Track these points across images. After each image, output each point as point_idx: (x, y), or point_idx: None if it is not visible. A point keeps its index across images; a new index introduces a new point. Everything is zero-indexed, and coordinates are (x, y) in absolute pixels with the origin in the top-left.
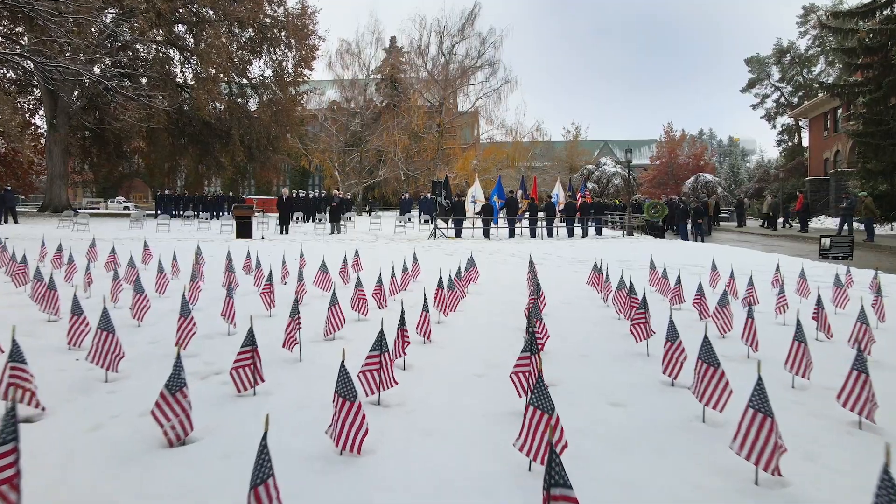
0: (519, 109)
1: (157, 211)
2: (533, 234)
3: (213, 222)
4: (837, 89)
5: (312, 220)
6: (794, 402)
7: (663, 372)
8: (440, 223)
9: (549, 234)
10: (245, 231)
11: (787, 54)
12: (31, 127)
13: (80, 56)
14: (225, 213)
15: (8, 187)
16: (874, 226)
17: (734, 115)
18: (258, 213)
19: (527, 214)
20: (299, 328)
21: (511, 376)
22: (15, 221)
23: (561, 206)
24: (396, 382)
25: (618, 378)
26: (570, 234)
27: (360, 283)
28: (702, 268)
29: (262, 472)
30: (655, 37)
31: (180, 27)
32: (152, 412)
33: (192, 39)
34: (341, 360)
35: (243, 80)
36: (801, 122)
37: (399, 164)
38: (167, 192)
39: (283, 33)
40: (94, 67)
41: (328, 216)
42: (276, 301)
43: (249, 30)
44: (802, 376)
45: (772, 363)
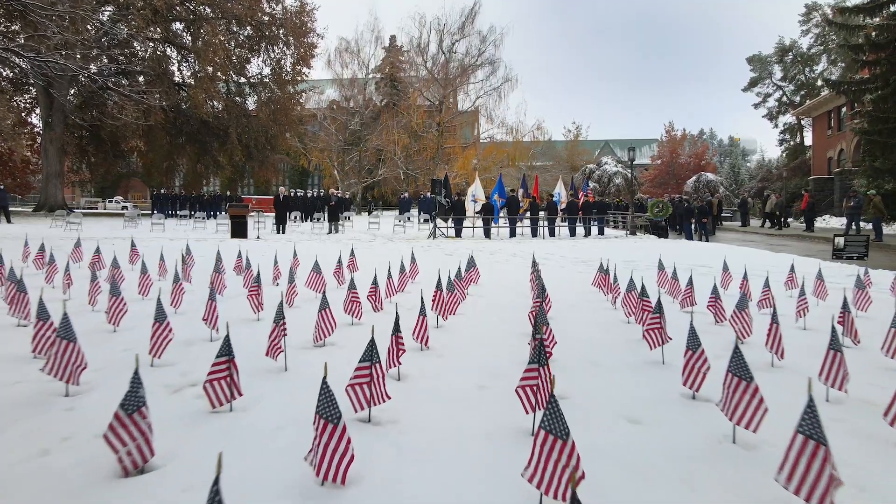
0: (519, 108)
1: (154, 210)
2: (534, 234)
3: (208, 222)
4: (843, 87)
5: (310, 220)
6: (832, 420)
7: (683, 383)
8: (440, 222)
9: (551, 233)
10: (240, 230)
11: (790, 53)
12: (28, 126)
13: (76, 53)
14: (222, 212)
15: (0, 186)
16: (882, 225)
17: (734, 115)
18: (254, 212)
19: (528, 214)
20: (284, 334)
21: (517, 390)
22: (8, 221)
23: (563, 206)
24: (389, 397)
25: (633, 390)
26: (573, 233)
27: (353, 285)
28: (710, 268)
29: None
30: (655, 37)
31: (178, 25)
32: (105, 436)
33: (189, 38)
34: (323, 377)
35: (241, 78)
36: (803, 121)
37: (398, 164)
38: (163, 191)
39: (281, 31)
40: (90, 65)
41: (326, 215)
42: (264, 304)
43: (248, 28)
44: (839, 388)
45: (798, 372)
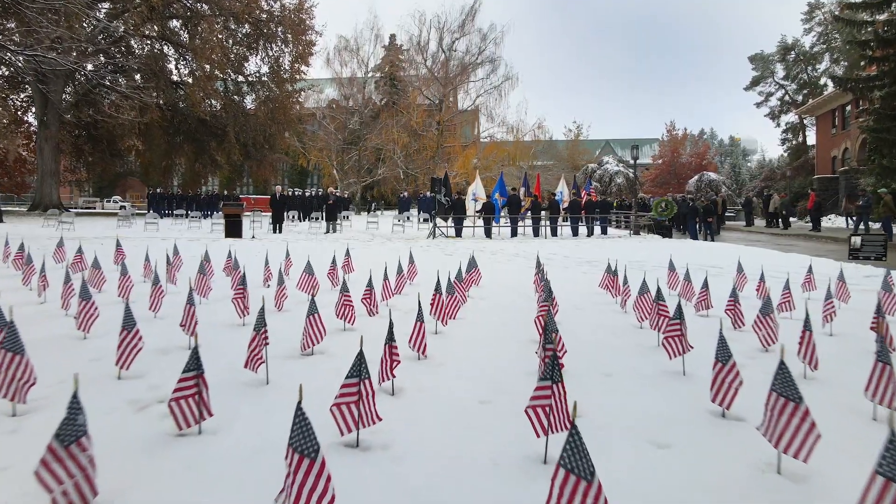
0: (520, 107)
1: (150, 210)
2: (536, 234)
3: (204, 221)
4: (850, 83)
5: (308, 219)
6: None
7: (712, 399)
8: (439, 222)
9: (553, 233)
10: (234, 230)
11: (792, 51)
12: (24, 124)
13: (73, 50)
14: (218, 211)
15: None
16: (893, 224)
17: (734, 115)
18: (249, 212)
19: (529, 213)
20: (266, 344)
21: (527, 411)
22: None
23: (565, 205)
24: (380, 418)
25: (654, 406)
26: (575, 233)
27: (345, 288)
28: (720, 269)
29: None
30: (655, 36)
31: (175, 22)
32: (37, 473)
33: (187, 35)
34: (298, 401)
35: (239, 76)
36: (805, 121)
37: (398, 163)
38: (159, 190)
39: (279, 29)
40: (86, 63)
41: (324, 215)
42: (250, 307)
43: (246, 25)
44: (889, 406)
45: (835, 385)
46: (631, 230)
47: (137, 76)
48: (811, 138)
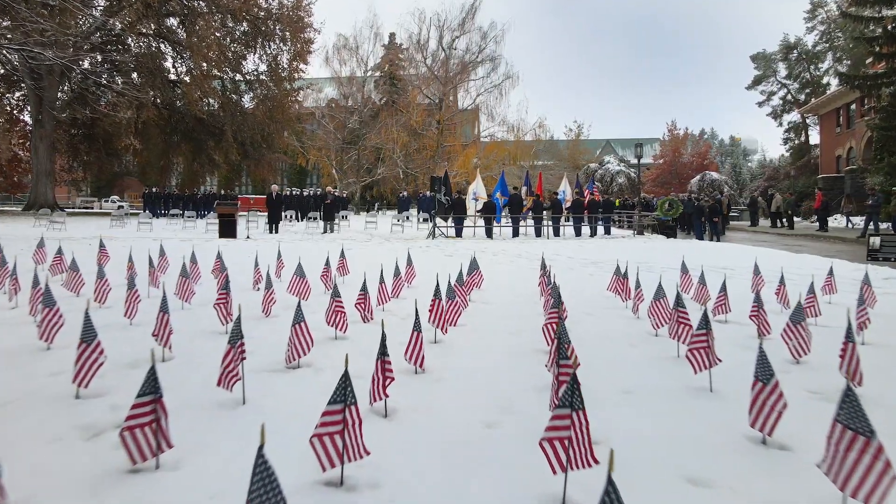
0: (521, 106)
1: (145, 209)
2: (538, 234)
3: (199, 221)
4: (858, 81)
5: (305, 220)
6: None
7: (752, 424)
8: (439, 222)
9: (556, 233)
10: (228, 230)
11: (794, 50)
12: (20, 123)
13: (66, 45)
14: (214, 211)
15: None
16: None
17: (735, 115)
18: (245, 212)
19: (531, 213)
20: (242, 359)
21: (542, 444)
22: None
23: (568, 204)
24: (367, 452)
25: (683, 431)
26: (578, 233)
27: (336, 293)
28: (731, 270)
29: None
30: (655, 36)
31: (172, 20)
32: None
33: (184, 33)
34: (259, 445)
35: (237, 75)
36: (808, 120)
37: (398, 163)
38: (154, 190)
39: (277, 26)
40: (83, 60)
41: (321, 215)
42: (234, 313)
43: (244, 23)
44: None
45: (883, 406)
46: (634, 230)
47: (134, 74)
48: (814, 138)
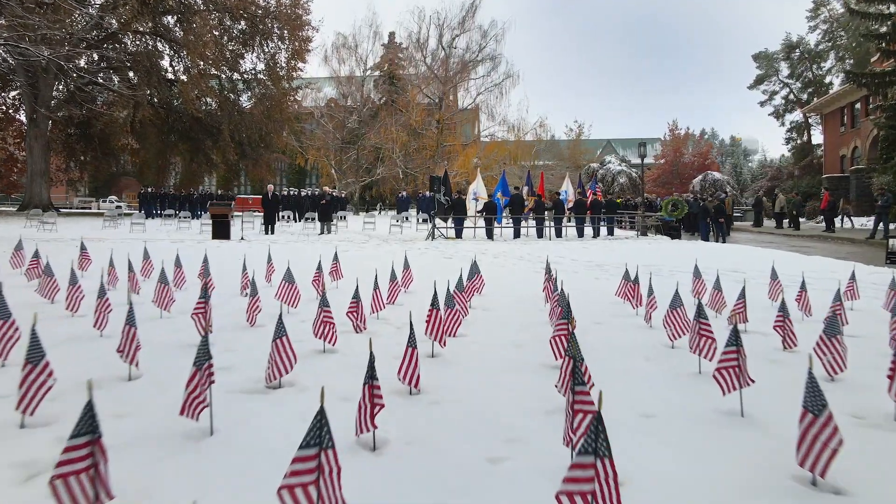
0: (521, 105)
1: (141, 209)
2: (540, 235)
3: (194, 222)
4: (865, 79)
5: (303, 220)
6: None
7: (800, 463)
8: (439, 223)
9: (558, 234)
10: (222, 231)
11: (797, 49)
12: (16, 123)
13: (62, 42)
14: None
15: None
16: None
17: (735, 115)
18: (240, 212)
19: (532, 213)
20: (211, 382)
21: (560, 498)
22: None
23: (570, 204)
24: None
25: (719, 468)
26: (581, 234)
27: (325, 302)
28: (742, 273)
29: None
30: (655, 36)
31: (169, 19)
32: None
33: (181, 32)
34: None
35: (235, 74)
36: (810, 119)
37: (397, 163)
38: (150, 189)
39: (275, 24)
40: (77, 57)
41: (318, 215)
42: (213, 324)
43: (241, 22)
44: None
45: None
46: (638, 231)
47: (131, 73)
48: (816, 137)
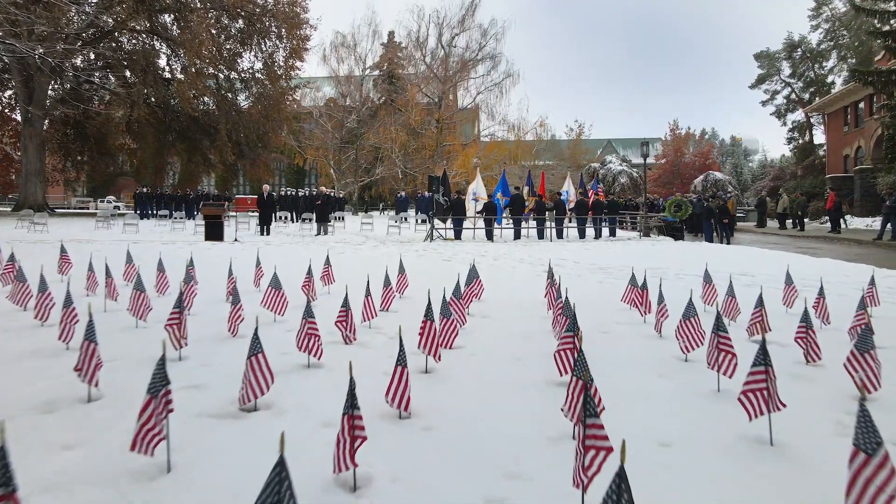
0: (521, 104)
1: (136, 210)
2: (541, 236)
3: (188, 222)
4: (871, 77)
5: (300, 221)
6: None
7: None
8: (438, 223)
9: (559, 235)
10: (215, 232)
11: (799, 49)
12: (11, 122)
13: (57, 39)
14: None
15: None
16: None
17: (735, 116)
18: (235, 213)
19: (533, 214)
20: (168, 411)
21: None
22: None
23: (571, 205)
24: None
25: None
26: (582, 235)
27: (309, 312)
28: (752, 277)
29: None
30: (655, 37)
31: (166, 17)
32: None
33: (178, 30)
34: None
35: (232, 73)
36: (812, 119)
37: (396, 162)
38: (145, 189)
39: (272, 23)
40: (74, 57)
41: (315, 216)
42: (194, 335)
43: (239, 20)
44: None
45: None
46: (640, 232)
47: (127, 72)
48: (818, 137)
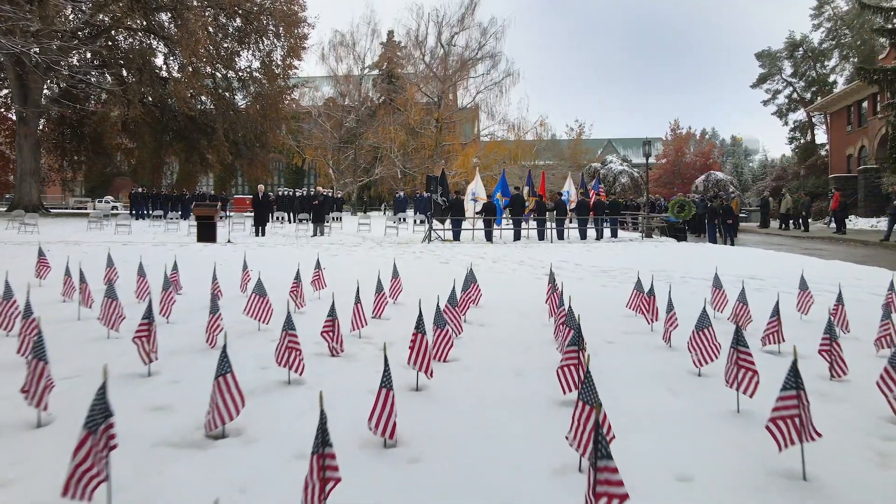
0: (521, 104)
1: (132, 210)
2: (541, 237)
3: (183, 223)
4: (876, 75)
5: (296, 221)
6: None
7: None
8: (436, 224)
9: (560, 236)
10: (207, 234)
11: (800, 48)
12: (7, 122)
13: (54, 42)
14: None
15: None
16: None
17: (735, 116)
18: (231, 213)
19: (534, 214)
20: (111, 448)
21: None
22: None
23: (572, 205)
24: None
25: None
26: (583, 236)
27: (290, 324)
28: (762, 280)
29: None
30: (654, 37)
31: (164, 16)
32: None
33: (175, 29)
34: None
35: (230, 72)
36: (814, 118)
37: (396, 162)
38: (140, 189)
39: (270, 22)
40: (71, 55)
41: (311, 216)
42: (174, 346)
43: (237, 19)
44: None
45: None
46: (642, 232)
47: (124, 71)
48: (819, 137)
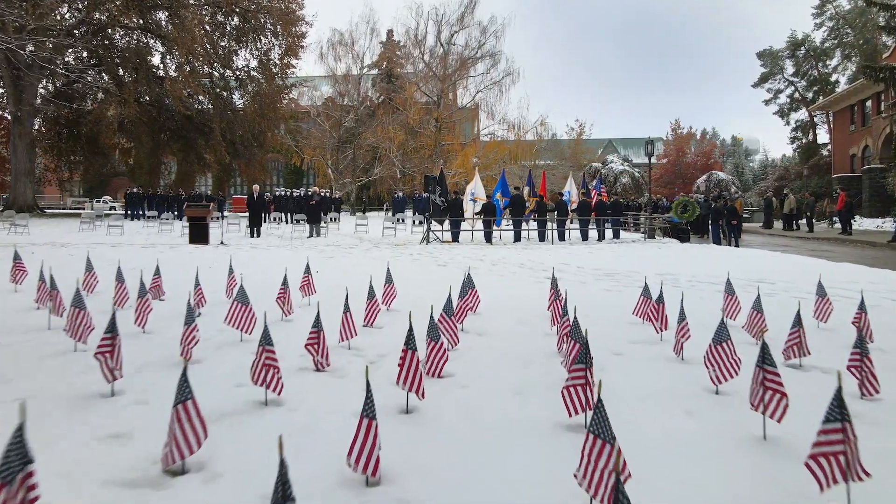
0: (521, 103)
1: (127, 210)
2: (542, 238)
3: (176, 224)
4: (883, 73)
5: (293, 222)
6: None
7: None
8: (434, 225)
9: (561, 237)
10: (199, 235)
11: (802, 47)
12: (3, 122)
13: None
14: None
15: None
16: None
17: (736, 115)
18: (227, 213)
19: (534, 215)
20: (29, 500)
21: None
22: None
23: (574, 206)
24: None
25: None
26: (585, 237)
27: (267, 338)
28: (772, 285)
29: None
30: (654, 37)
31: (161, 14)
32: None
33: (172, 27)
34: None
35: (227, 71)
36: (816, 118)
37: (395, 162)
38: (135, 190)
39: (267, 20)
40: (67, 54)
41: (307, 217)
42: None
43: (234, 17)
44: None
45: None
46: (645, 233)
47: (121, 70)
48: (821, 136)
